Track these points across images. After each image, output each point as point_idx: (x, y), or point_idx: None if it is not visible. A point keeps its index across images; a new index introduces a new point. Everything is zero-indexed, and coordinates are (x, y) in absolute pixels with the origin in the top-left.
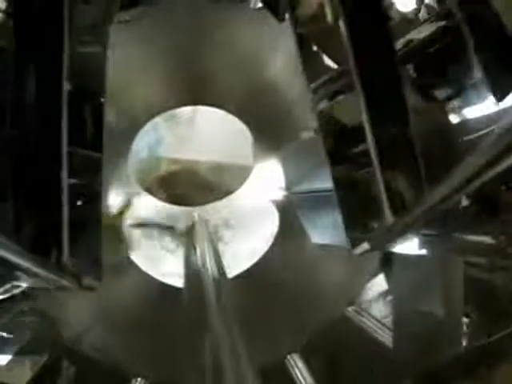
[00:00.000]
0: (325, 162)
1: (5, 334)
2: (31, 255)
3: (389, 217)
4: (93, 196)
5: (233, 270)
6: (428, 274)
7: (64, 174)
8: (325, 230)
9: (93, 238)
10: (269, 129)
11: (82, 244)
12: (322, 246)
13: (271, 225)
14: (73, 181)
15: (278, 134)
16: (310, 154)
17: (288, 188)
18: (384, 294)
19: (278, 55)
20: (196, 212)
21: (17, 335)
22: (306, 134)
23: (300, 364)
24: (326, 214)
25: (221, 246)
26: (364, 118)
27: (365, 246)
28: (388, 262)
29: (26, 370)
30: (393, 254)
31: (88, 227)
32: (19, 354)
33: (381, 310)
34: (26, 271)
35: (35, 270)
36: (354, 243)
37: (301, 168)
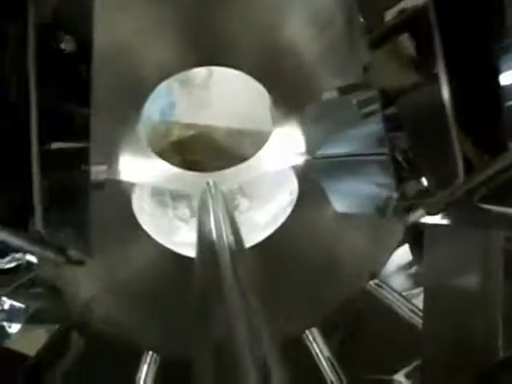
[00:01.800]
0: (349, 124)
1: (16, 303)
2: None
3: (460, 174)
4: (79, 160)
5: (249, 240)
6: (464, 248)
7: (33, 133)
8: (350, 198)
9: (80, 208)
10: (288, 92)
11: (67, 214)
12: (346, 215)
13: (290, 193)
14: (56, 144)
15: (298, 97)
16: (333, 116)
17: (309, 152)
18: (406, 267)
19: (297, 15)
20: (211, 178)
21: (27, 305)
22: (329, 95)
23: (319, 339)
24: (351, 180)
25: (237, 215)
26: (439, 66)
27: (419, 212)
28: (414, 234)
29: (38, 339)
30: (422, 224)
31: (74, 195)
32: (29, 323)
33: (401, 284)
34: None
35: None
36: (406, 209)
37: (324, 131)
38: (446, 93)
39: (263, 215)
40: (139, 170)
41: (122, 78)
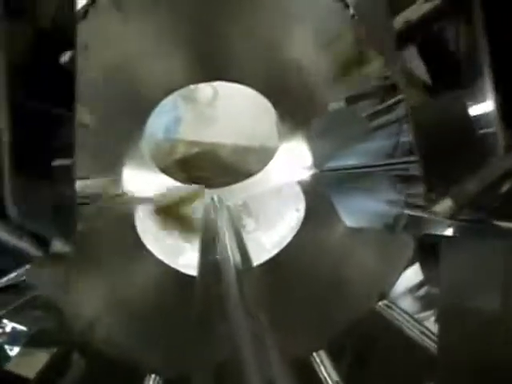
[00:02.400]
0: (358, 138)
1: (17, 326)
2: None
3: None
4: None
5: (255, 260)
6: (483, 261)
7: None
8: (359, 213)
9: (63, 196)
10: (294, 106)
11: (47, 199)
12: (355, 233)
13: (297, 210)
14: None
15: (304, 111)
16: (341, 129)
17: (317, 166)
18: (415, 289)
19: (303, 30)
20: (215, 194)
21: (29, 327)
22: (336, 105)
23: (327, 362)
24: (360, 195)
25: (243, 236)
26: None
27: (447, 202)
28: (425, 252)
29: (38, 361)
30: (435, 240)
31: (58, 184)
32: (29, 345)
33: (410, 306)
34: None
35: None
36: (432, 200)
37: (332, 144)
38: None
39: (270, 236)
40: (142, 183)
41: (126, 92)
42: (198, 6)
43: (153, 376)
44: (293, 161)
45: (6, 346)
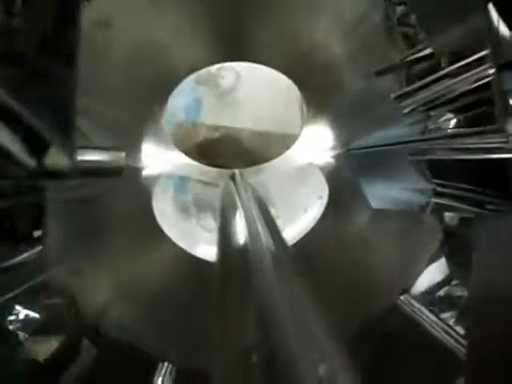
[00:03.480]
0: (386, 117)
1: (30, 313)
2: None
3: None
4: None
5: None
6: None
7: None
8: (385, 197)
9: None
10: (318, 89)
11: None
12: (380, 219)
13: (320, 198)
14: None
15: (328, 94)
16: (368, 107)
17: (343, 145)
18: (438, 286)
19: (327, 13)
20: (236, 172)
21: (40, 313)
22: (362, 84)
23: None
24: (387, 179)
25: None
26: None
27: None
28: (452, 244)
29: (49, 347)
30: (464, 228)
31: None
32: (41, 331)
33: (432, 304)
34: None
35: None
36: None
37: (358, 122)
38: None
39: (292, 228)
40: (162, 161)
41: (148, 69)
42: None
43: (166, 364)
44: (315, 144)
45: (19, 332)
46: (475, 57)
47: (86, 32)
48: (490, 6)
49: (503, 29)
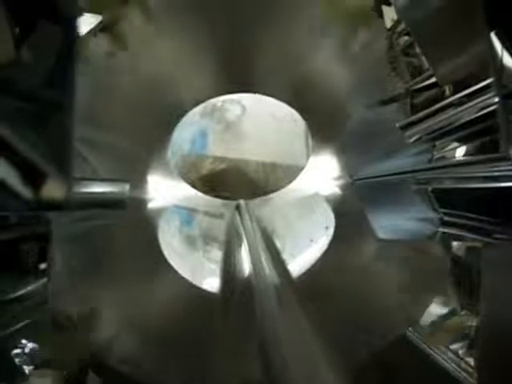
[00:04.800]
0: (392, 148)
1: (36, 346)
2: None
3: None
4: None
5: None
6: None
7: None
8: (392, 227)
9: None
10: (322, 118)
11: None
12: (384, 254)
13: (326, 228)
14: None
15: (333, 123)
16: (374, 137)
17: (349, 175)
18: (447, 315)
19: (329, 43)
20: (241, 202)
21: (45, 345)
22: (367, 114)
23: None
24: (394, 208)
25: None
26: None
27: None
28: (459, 273)
29: (53, 381)
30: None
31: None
32: (46, 364)
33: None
34: None
35: None
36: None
37: (364, 152)
38: None
39: (298, 255)
40: (167, 192)
41: (153, 101)
42: (227, 21)
43: None
44: (321, 174)
45: (25, 366)
46: (479, 85)
47: (93, 64)
48: (493, 35)
49: (507, 57)
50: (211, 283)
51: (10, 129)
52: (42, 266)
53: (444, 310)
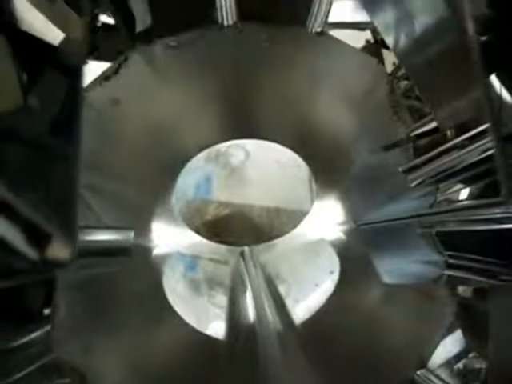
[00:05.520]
0: (396, 193)
1: None
2: None
3: None
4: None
5: None
6: None
7: None
8: (397, 271)
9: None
10: (326, 163)
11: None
12: (392, 293)
13: (331, 273)
14: None
15: (336, 168)
16: (378, 183)
17: (354, 220)
18: (456, 358)
19: (333, 88)
20: (246, 249)
21: None
22: (370, 159)
23: None
24: (399, 252)
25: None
26: None
27: None
28: (467, 317)
29: None
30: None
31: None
32: None
33: (450, 378)
34: None
35: None
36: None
37: (368, 198)
38: None
39: (303, 300)
40: (171, 239)
41: (157, 147)
42: (229, 67)
43: None
44: (326, 219)
45: None
46: (480, 129)
47: (99, 112)
48: (493, 78)
49: (508, 98)
50: (216, 328)
51: (12, 191)
52: (46, 311)
53: (453, 353)
